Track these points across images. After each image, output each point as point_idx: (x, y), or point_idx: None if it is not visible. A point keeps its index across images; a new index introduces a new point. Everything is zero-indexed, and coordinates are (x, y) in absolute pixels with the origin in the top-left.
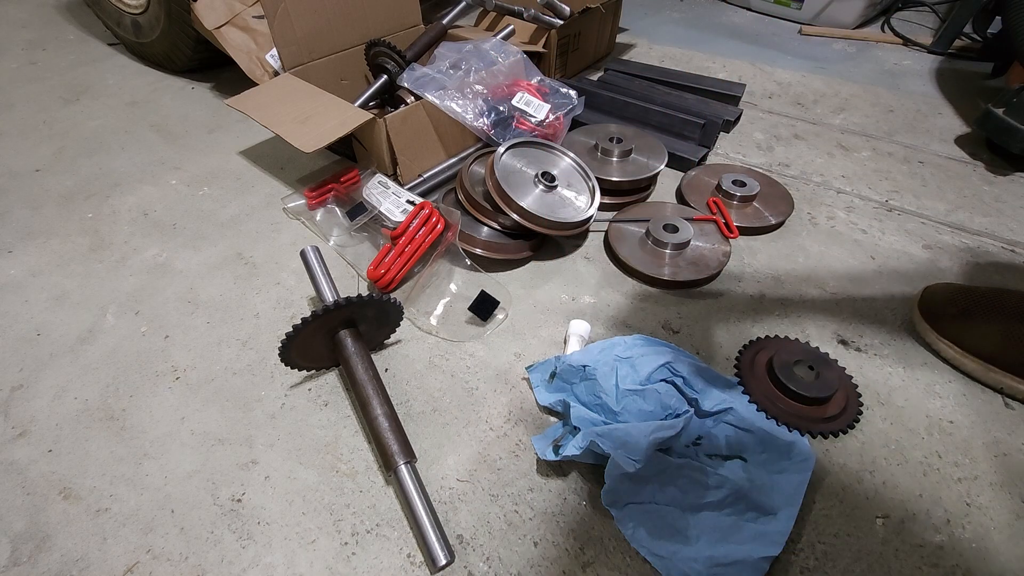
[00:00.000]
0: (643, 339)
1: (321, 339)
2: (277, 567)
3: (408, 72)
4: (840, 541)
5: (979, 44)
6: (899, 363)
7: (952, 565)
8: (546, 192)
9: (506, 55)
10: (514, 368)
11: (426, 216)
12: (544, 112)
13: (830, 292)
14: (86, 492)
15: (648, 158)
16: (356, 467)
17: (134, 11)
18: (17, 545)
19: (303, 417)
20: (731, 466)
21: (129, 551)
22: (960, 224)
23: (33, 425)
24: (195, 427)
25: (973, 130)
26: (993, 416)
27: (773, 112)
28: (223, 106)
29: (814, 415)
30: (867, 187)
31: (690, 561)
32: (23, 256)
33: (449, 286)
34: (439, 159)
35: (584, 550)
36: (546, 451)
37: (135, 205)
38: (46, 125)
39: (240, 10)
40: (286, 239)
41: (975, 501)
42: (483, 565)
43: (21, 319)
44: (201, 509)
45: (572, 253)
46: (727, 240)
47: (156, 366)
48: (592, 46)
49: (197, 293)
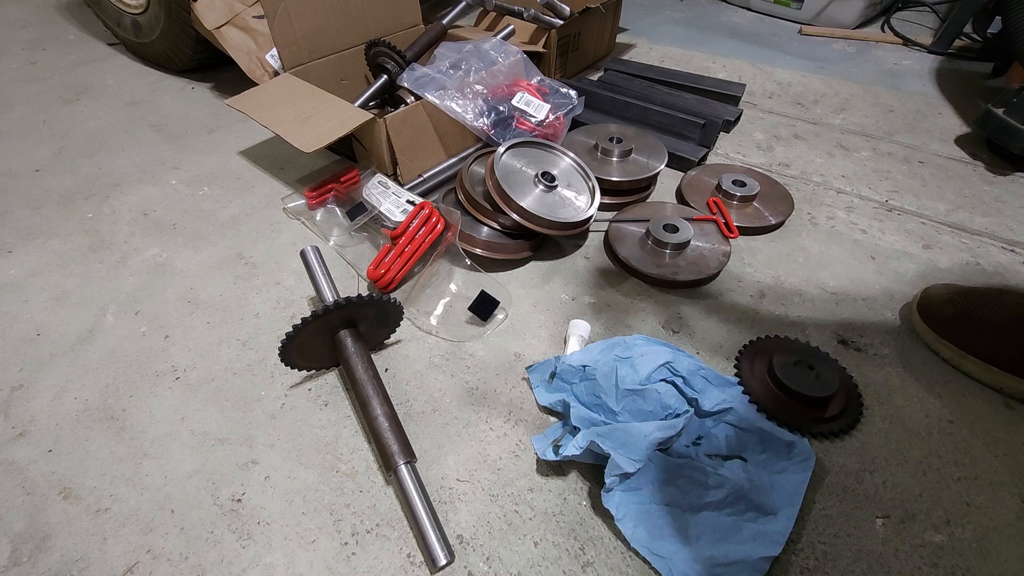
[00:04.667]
0: (643, 339)
1: (321, 339)
2: (277, 567)
3: (408, 72)
4: (840, 541)
5: (979, 44)
6: (899, 363)
7: (952, 565)
8: (546, 192)
9: (506, 55)
10: (514, 368)
11: (426, 216)
12: (544, 112)
13: (830, 292)
14: (86, 492)
15: (648, 158)
16: (356, 467)
17: (134, 11)
18: (17, 545)
19: (303, 417)
20: (731, 466)
21: (129, 551)
22: (960, 224)
23: (33, 425)
24: (195, 427)
25: (973, 130)
26: (993, 416)
27: (773, 112)
28: (223, 106)
29: (814, 415)
30: (867, 187)
31: (690, 561)
32: (23, 256)
33: (449, 286)
34: (439, 159)
35: (584, 550)
36: (546, 451)
37: (135, 205)
38: (46, 125)
39: (240, 10)
40: (286, 239)
41: (975, 501)
42: (483, 565)
43: (21, 319)
44: (201, 509)
45: (572, 253)
46: (727, 240)
47: (156, 366)
48: (592, 46)
49: (197, 293)
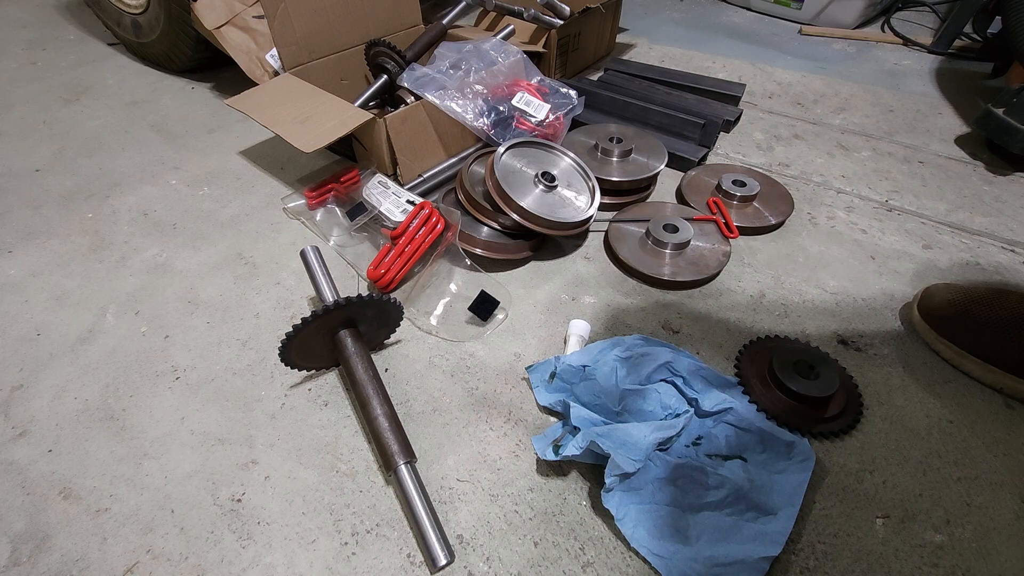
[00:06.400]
0: (643, 339)
1: (321, 339)
2: (277, 567)
3: (408, 72)
4: (840, 541)
5: (979, 44)
6: (899, 363)
7: (952, 565)
8: (546, 192)
9: (506, 55)
10: (514, 368)
11: (426, 216)
12: (544, 112)
13: (830, 292)
14: (86, 492)
15: (648, 158)
16: (356, 467)
17: (134, 11)
18: (17, 545)
19: (303, 417)
20: (731, 466)
21: (129, 551)
22: (960, 224)
23: (33, 425)
24: (195, 427)
25: (973, 130)
26: (993, 416)
27: (773, 112)
28: (223, 106)
29: (814, 415)
30: (867, 187)
31: (690, 561)
32: (23, 256)
33: (449, 286)
34: (439, 159)
35: (584, 550)
36: (546, 451)
37: (135, 205)
38: (46, 125)
39: (240, 10)
40: (286, 239)
41: (975, 501)
42: (483, 565)
43: (21, 319)
44: (201, 509)
45: (572, 253)
46: (727, 240)
47: (156, 366)
48: (592, 46)
49: (197, 293)
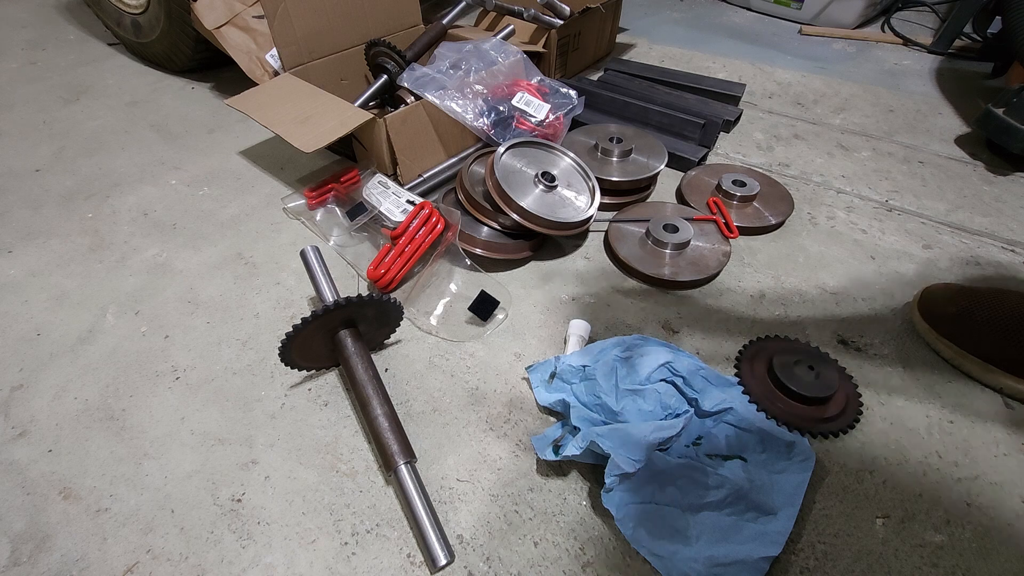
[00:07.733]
0: (643, 339)
1: (321, 339)
2: (277, 567)
3: (408, 72)
4: (840, 541)
5: (979, 44)
6: (899, 363)
7: (952, 565)
8: (546, 192)
9: (506, 55)
10: (514, 368)
11: (426, 216)
12: (544, 112)
13: (830, 292)
14: (86, 492)
15: (648, 158)
16: (356, 467)
17: (134, 11)
18: (17, 545)
19: (303, 417)
20: (731, 466)
21: (129, 551)
22: (960, 224)
23: (33, 425)
24: (195, 427)
25: (973, 130)
26: (993, 416)
27: (773, 112)
28: (223, 106)
29: (814, 415)
30: (867, 187)
31: (690, 561)
32: (23, 256)
33: (449, 286)
34: (439, 159)
35: (584, 550)
36: (546, 451)
37: (135, 205)
38: (46, 125)
39: (240, 10)
40: (286, 239)
41: (975, 501)
42: (483, 565)
43: (21, 319)
44: (201, 509)
45: (572, 253)
46: (727, 240)
47: (156, 366)
48: (592, 46)
49: (197, 293)
